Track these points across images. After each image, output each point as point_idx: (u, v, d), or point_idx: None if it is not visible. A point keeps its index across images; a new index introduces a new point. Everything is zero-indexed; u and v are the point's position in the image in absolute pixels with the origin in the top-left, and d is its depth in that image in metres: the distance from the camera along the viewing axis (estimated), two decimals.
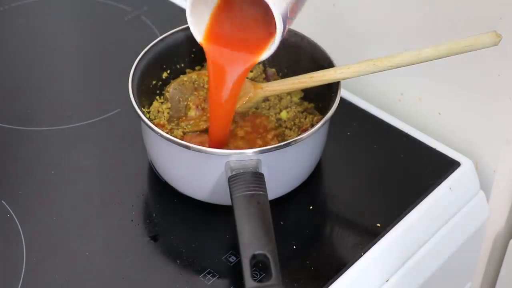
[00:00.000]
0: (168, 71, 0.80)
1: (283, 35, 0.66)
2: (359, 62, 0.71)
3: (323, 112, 0.75)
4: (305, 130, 0.73)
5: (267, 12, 0.65)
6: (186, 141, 0.69)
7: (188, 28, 0.79)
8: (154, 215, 0.73)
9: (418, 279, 0.75)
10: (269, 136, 0.75)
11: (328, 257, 0.70)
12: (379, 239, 0.71)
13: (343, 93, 0.82)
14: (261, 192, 0.65)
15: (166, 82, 0.80)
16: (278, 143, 0.69)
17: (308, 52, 0.77)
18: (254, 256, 0.61)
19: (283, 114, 0.77)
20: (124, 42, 0.94)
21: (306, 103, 0.79)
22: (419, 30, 0.80)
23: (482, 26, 0.71)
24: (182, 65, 0.81)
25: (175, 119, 0.77)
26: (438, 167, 0.78)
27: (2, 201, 0.74)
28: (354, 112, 0.84)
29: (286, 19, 0.65)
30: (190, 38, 0.79)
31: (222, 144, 0.73)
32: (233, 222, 0.63)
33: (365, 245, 0.70)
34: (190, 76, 0.79)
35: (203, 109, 0.77)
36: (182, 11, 0.98)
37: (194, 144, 0.68)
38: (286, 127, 0.76)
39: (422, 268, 0.75)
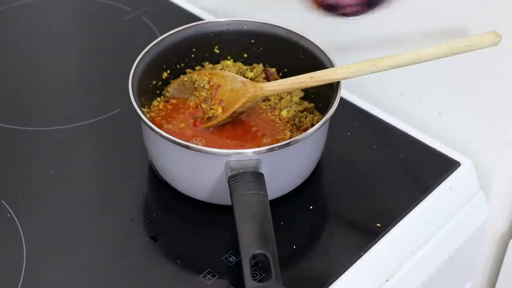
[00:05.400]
0: (168, 71, 0.80)
1: None
2: (359, 62, 0.71)
3: (323, 112, 0.75)
4: (305, 130, 0.73)
5: None
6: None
7: (188, 28, 0.79)
8: (154, 215, 0.73)
9: (418, 279, 0.75)
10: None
11: (328, 257, 0.70)
12: (379, 239, 0.71)
13: (343, 93, 0.82)
14: (261, 192, 0.65)
15: (166, 82, 0.80)
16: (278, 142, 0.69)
17: (308, 52, 0.77)
18: (254, 256, 0.61)
19: (283, 114, 0.77)
20: (124, 42, 0.94)
21: (306, 103, 0.79)
22: (419, 30, 0.80)
23: (482, 26, 0.71)
24: (182, 65, 0.81)
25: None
26: (438, 167, 0.78)
27: (2, 201, 0.74)
28: (354, 112, 0.84)
29: None
30: (190, 38, 0.80)
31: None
32: (233, 222, 0.63)
33: (365, 245, 0.70)
34: (190, 76, 0.79)
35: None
36: (182, 11, 0.98)
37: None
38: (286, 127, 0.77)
39: (422, 268, 0.75)
